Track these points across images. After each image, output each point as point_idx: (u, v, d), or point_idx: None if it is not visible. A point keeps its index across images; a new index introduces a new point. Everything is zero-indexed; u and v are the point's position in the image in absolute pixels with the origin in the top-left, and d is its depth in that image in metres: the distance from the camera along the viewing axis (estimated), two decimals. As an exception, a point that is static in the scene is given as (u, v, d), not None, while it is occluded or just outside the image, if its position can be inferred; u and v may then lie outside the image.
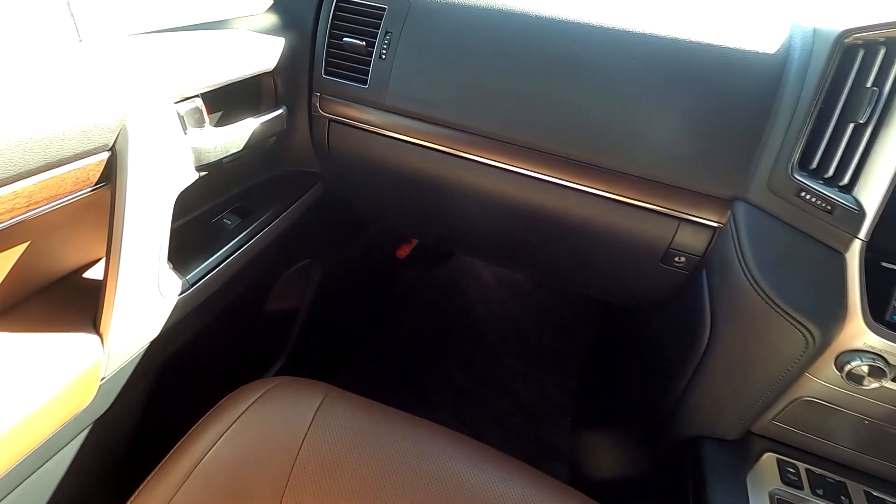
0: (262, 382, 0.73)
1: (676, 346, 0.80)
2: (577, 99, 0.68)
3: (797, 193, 0.59)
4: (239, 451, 0.64)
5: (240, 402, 0.69)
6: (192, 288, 0.66)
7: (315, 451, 0.62)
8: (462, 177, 0.78)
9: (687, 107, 0.65)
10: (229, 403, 0.69)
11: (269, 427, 0.66)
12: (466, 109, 0.73)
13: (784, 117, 0.61)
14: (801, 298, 0.59)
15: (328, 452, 0.62)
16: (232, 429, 0.65)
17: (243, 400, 0.69)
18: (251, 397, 0.69)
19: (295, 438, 0.64)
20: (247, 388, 0.71)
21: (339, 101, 0.81)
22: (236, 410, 0.68)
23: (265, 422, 0.66)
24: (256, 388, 0.71)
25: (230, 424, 0.66)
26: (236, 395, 0.70)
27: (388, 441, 0.63)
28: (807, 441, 0.71)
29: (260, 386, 0.72)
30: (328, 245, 1.09)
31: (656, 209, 0.70)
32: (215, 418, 0.67)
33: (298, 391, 0.72)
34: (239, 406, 0.68)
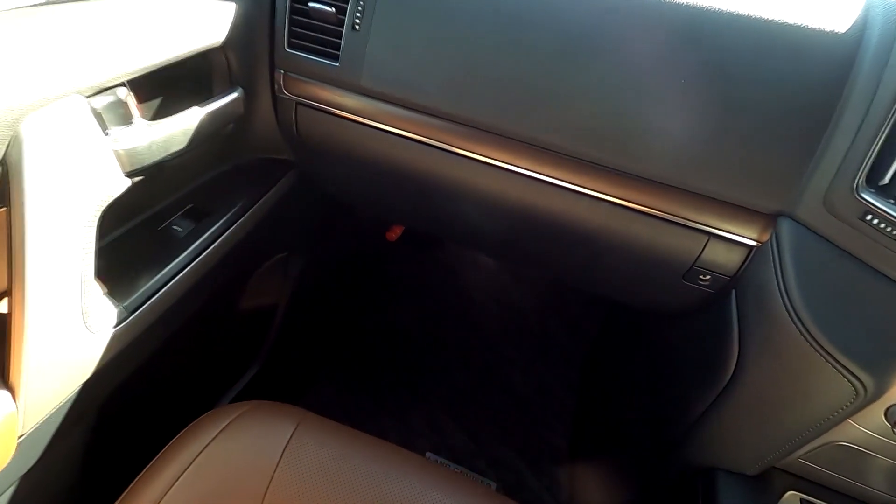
0: (229, 408, 0.65)
1: (695, 367, 0.71)
2: (592, 87, 0.56)
3: (861, 216, 0.48)
4: (204, 486, 0.58)
5: (205, 431, 0.62)
6: (131, 315, 0.56)
7: (285, 486, 0.58)
8: (455, 175, 0.67)
9: (726, 99, 0.52)
10: (193, 433, 0.62)
11: (237, 459, 0.60)
12: (458, 96, 0.61)
13: (853, 117, 0.49)
14: (854, 342, 0.49)
15: (299, 487, 0.58)
16: (196, 462, 0.60)
17: (209, 429, 0.62)
18: (218, 425, 0.63)
19: (265, 471, 0.59)
20: (213, 415, 0.64)
21: (307, 80, 0.68)
22: (201, 441, 0.61)
23: (232, 454, 0.61)
24: (223, 414, 0.64)
25: (194, 457, 0.60)
26: (201, 423, 0.64)
27: (362, 472, 0.59)
28: (836, 481, 0.63)
29: (227, 412, 0.64)
30: (307, 235, 0.99)
31: (683, 222, 0.59)
32: (177, 451, 0.60)
33: (269, 418, 0.65)
34: (204, 436, 0.62)
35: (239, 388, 0.92)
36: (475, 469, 1.03)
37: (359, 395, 1.14)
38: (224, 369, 0.91)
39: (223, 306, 0.82)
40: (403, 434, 1.08)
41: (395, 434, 1.08)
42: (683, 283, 0.65)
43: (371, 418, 1.10)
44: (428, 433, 1.08)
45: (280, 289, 0.97)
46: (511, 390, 1.20)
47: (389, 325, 1.30)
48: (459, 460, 1.04)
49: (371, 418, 1.10)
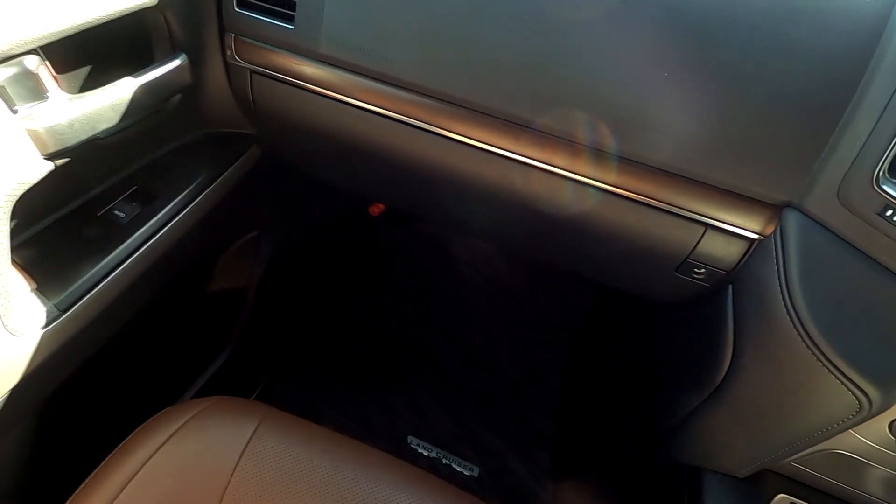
0: (188, 405, 0.62)
1: (686, 363, 0.66)
2: (576, 58, 0.48)
3: (880, 211, 0.42)
4: (157, 489, 0.55)
5: (160, 430, 0.59)
6: (65, 314, 0.51)
7: (244, 487, 0.55)
8: (428, 153, 0.60)
9: (734, 71, 0.45)
10: (147, 432, 0.59)
11: (193, 460, 0.57)
12: (427, 66, 0.53)
13: (879, 96, 0.42)
14: (860, 352, 0.44)
15: (258, 488, 0.55)
16: (149, 463, 0.56)
17: (164, 428, 0.59)
18: (175, 424, 0.59)
19: (222, 472, 0.56)
20: (169, 413, 0.61)
21: (261, 45, 0.60)
22: (155, 441, 0.58)
23: (188, 454, 0.58)
24: (181, 412, 0.61)
25: (147, 458, 0.57)
26: (156, 421, 0.60)
27: (325, 472, 0.57)
28: (831, 486, 0.59)
29: (185, 410, 0.61)
30: (280, 212, 0.93)
31: (676, 210, 0.52)
32: (128, 452, 0.57)
33: (230, 416, 0.62)
34: (158, 435, 0.58)
35: (207, 376, 0.88)
36: (458, 454, 1.01)
37: (340, 376, 1.10)
38: (189, 359, 0.87)
39: (185, 293, 0.77)
40: (385, 417, 1.05)
41: (377, 417, 1.05)
42: (676, 276, 0.59)
43: (351, 401, 1.06)
44: (410, 416, 1.05)
45: (251, 271, 0.91)
46: (498, 372, 1.17)
47: (373, 304, 1.26)
48: (442, 445, 1.02)
49: (351, 401, 1.06)
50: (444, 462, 1.00)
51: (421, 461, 0.99)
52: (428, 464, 0.99)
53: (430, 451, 1.01)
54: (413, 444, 1.01)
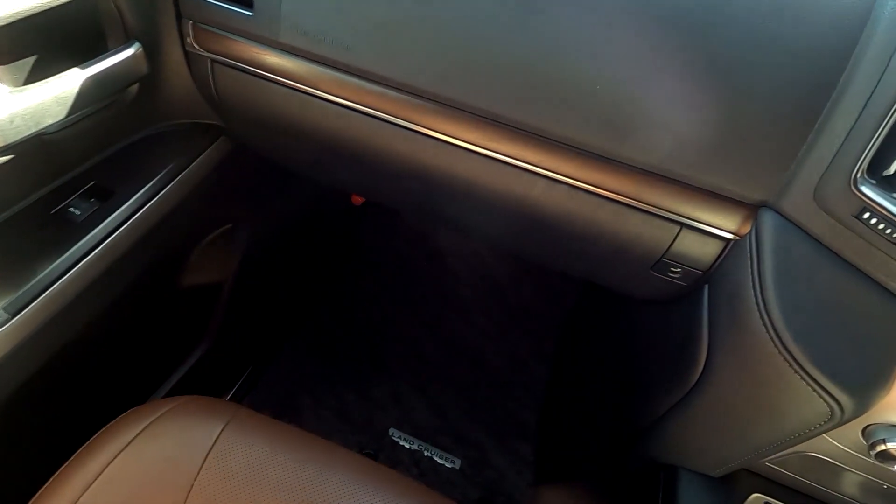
0: (154, 405, 0.61)
1: (663, 362, 0.65)
2: (545, 50, 0.46)
3: (857, 213, 0.40)
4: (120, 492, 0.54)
5: (124, 431, 0.58)
6: (14, 318, 0.49)
7: (209, 490, 0.54)
8: (397, 148, 0.57)
9: (710, 65, 0.43)
10: (111, 434, 0.58)
11: (157, 461, 0.56)
12: (391, 56, 0.51)
13: (859, 93, 0.40)
14: (834, 359, 0.42)
15: (224, 490, 0.54)
16: (112, 465, 0.56)
17: (129, 428, 0.58)
18: (140, 424, 0.58)
19: (187, 474, 0.55)
20: (135, 413, 0.60)
21: (220, 32, 0.57)
22: (119, 442, 0.57)
23: (152, 455, 0.57)
24: (147, 412, 0.60)
25: (110, 460, 0.56)
26: (122, 422, 0.59)
27: (292, 472, 0.56)
28: (806, 487, 0.59)
29: (151, 410, 0.60)
30: (255, 203, 0.90)
31: (651, 209, 0.50)
32: (91, 454, 0.56)
33: (197, 415, 0.61)
34: (122, 436, 0.57)
35: (183, 372, 0.87)
36: (439, 446, 1.00)
37: (321, 368, 1.09)
38: (163, 355, 0.85)
39: (155, 289, 0.75)
40: (367, 409, 1.04)
41: (358, 409, 1.04)
42: (652, 275, 0.57)
43: (333, 393, 1.06)
44: (392, 408, 1.05)
45: (226, 264, 0.89)
46: (482, 362, 1.16)
47: (355, 294, 1.24)
48: (424, 437, 1.01)
49: (333, 393, 1.06)
50: (426, 455, 0.99)
51: (402, 454, 0.99)
52: (409, 456, 0.99)
53: (411, 443, 1.00)
54: (395, 436, 1.01)
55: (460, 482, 0.97)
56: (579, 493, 0.90)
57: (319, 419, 1.03)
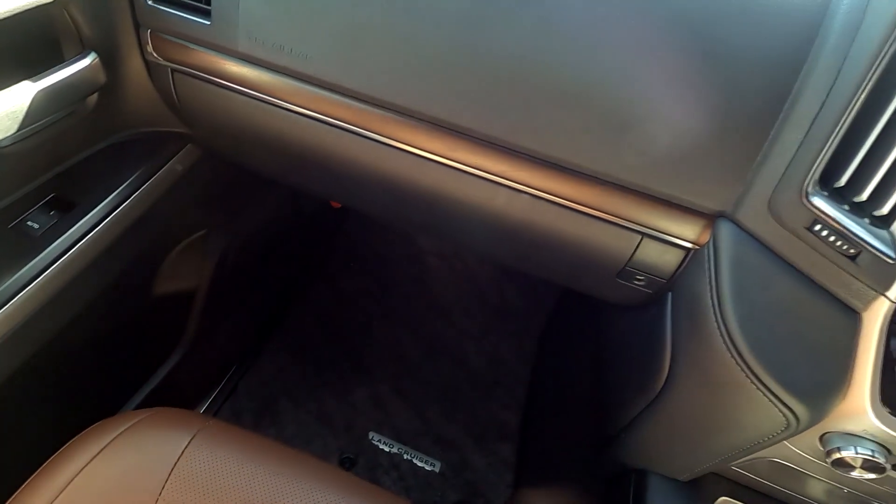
0: (121, 418, 0.60)
1: (632, 368, 0.66)
2: (505, 58, 0.45)
3: (808, 225, 0.40)
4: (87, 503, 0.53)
5: (88, 446, 0.57)
6: (-33, 335, 0.48)
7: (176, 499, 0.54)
8: (360, 158, 0.57)
9: (665, 73, 0.43)
10: (75, 449, 0.57)
11: (121, 477, 0.56)
12: (350, 67, 0.50)
13: (811, 102, 0.40)
14: (789, 369, 0.43)
15: (191, 499, 0.54)
16: (74, 482, 0.55)
17: (93, 443, 0.57)
18: (104, 439, 0.58)
19: (151, 489, 0.55)
20: (100, 427, 0.59)
21: (179, 41, 0.56)
22: (82, 458, 0.56)
23: (116, 471, 0.56)
24: (112, 426, 0.59)
25: (73, 476, 0.55)
26: (86, 436, 0.59)
27: (259, 484, 0.56)
28: (770, 489, 0.59)
29: (117, 423, 0.59)
30: (229, 208, 0.89)
31: (612, 219, 0.50)
32: (53, 471, 0.55)
33: (163, 428, 0.60)
34: (86, 452, 0.57)
35: (158, 380, 0.86)
36: (419, 448, 1.01)
37: (301, 372, 1.09)
38: (136, 365, 0.85)
39: (125, 298, 0.75)
40: (346, 412, 1.04)
41: (338, 413, 1.04)
42: (618, 282, 0.57)
43: (313, 397, 1.05)
44: (371, 411, 1.05)
45: (200, 271, 0.88)
46: (463, 363, 1.16)
47: (335, 297, 1.24)
48: (404, 440, 1.02)
49: (313, 397, 1.05)
50: (406, 458, 1.00)
51: (382, 457, 0.99)
52: (388, 460, 0.99)
53: (391, 446, 1.00)
54: (374, 440, 1.01)
55: (439, 485, 0.97)
56: (558, 495, 0.90)
57: (299, 423, 1.03)
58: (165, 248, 0.80)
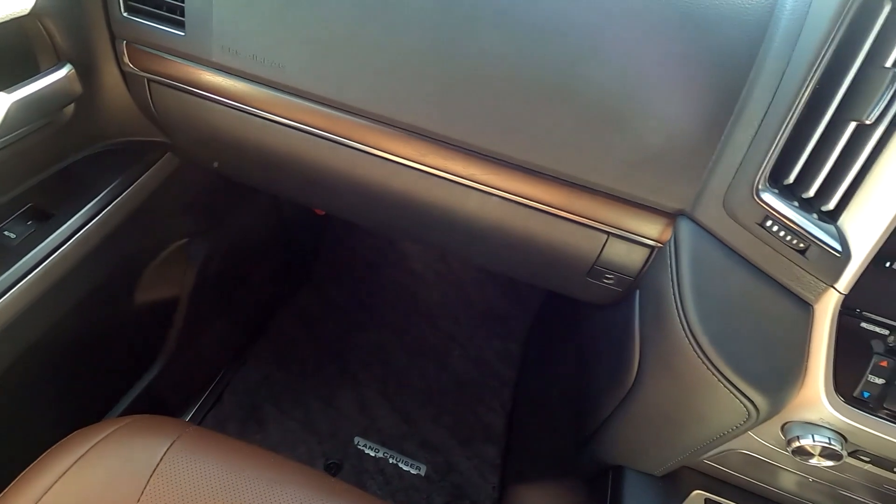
0: (101, 426, 0.60)
1: (606, 364, 0.67)
2: (468, 68, 0.47)
3: (761, 221, 0.42)
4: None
5: (65, 455, 0.57)
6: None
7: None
8: (334, 164, 0.58)
9: (623, 78, 0.44)
10: (52, 459, 0.57)
11: (97, 487, 0.56)
12: (322, 75, 0.51)
13: (758, 103, 0.41)
14: (748, 362, 0.44)
15: None
16: (51, 492, 0.54)
17: (70, 452, 0.57)
18: (82, 447, 0.58)
19: (132, 492, 0.55)
20: (79, 436, 0.59)
21: (154, 52, 0.57)
22: (59, 467, 0.56)
23: (93, 480, 0.56)
24: (90, 434, 0.59)
25: (49, 486, 0.55)
26: (64, 445, 0.58)
27: (239, 489, 0.56)
28: (742, 481, 0.61)
29: (95, 432, 0.59)
30: (210, 216, 0.90)
31: (579, 219, 0.52)
32: (30, 481, 0.55)
33: (142, 436, 0.60)
34: (63, 461, 0.56)
35: (139, 389, 0.86)
36: (404, 452, 1.01)
37: (286, 378, 1.09)
38: (117, 374, 0.85)
39: (105, 307, 0.75)
40: (331, 418, 1.04)
41: (323, 419, 1.04)
42: (589, 281, 0.59)
43: (298, 403, 1.06)
44: (357, 416, 1.05)
45: (182, 279, 0.89)
46: (449, 367, 1.17)
47: (320, 303, 1.24)
48: (390, 444, 1.02)
49: (298, 403, 1.06)
50: (391, 462, 1.00)
51: (367, 462, 0.99)
52: (374, 464, 0.99)
53: (376, 451, 1.01)
54: (360, 444, 1.01)
55: (425, 488, 0.97)
56: (542, 495, 0.91)
57: (285, 430, 1.03)
58: (146, 257, 0.80)
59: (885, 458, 0.44)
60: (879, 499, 0.51)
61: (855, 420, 0.42)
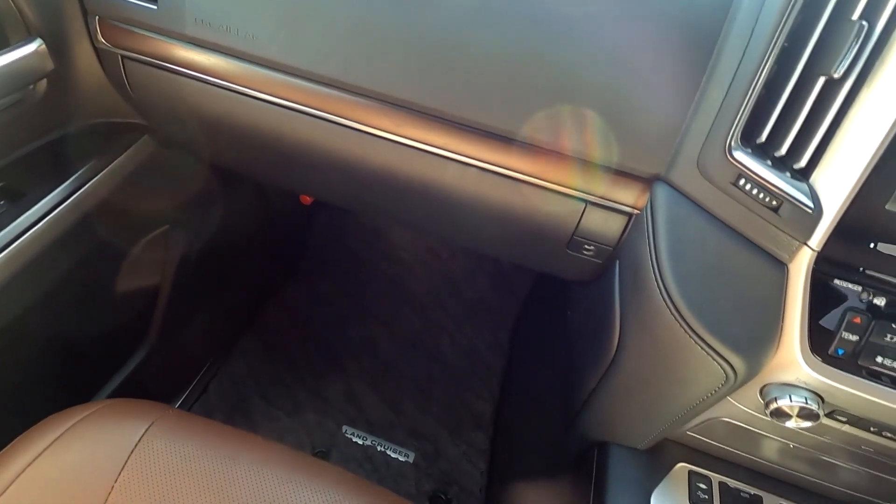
0: (72, 411, 0.59)
1: (589, 341, 0.67)
2: (439, 35, 0.47)
3: (734, 181, 0.42)
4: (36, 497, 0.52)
5: (43, 436, 0.56)
6: None
7: (130, 491, 0.53)
8: (312, 138, 0.58)
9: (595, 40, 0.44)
10: (25, 442, 0.56)
11: (72, 470, 0.54)
12: (295, 45, 0.51)
13: (729, 63, 0.42)
14: (725, 324, 0.44)
15: (147, 489, 0.53)
16: (22, 477, 0.53)
17: (42, 438, 0.56)
18: (54, 433, 0.56)
19: (104, 481, 0.54)
20: (54, 420, 0.58)
21: (127, 27, 0.57)
22: (30, 453, 0.55)
23: (66, 464, 0.55)
24: (68, 416, 0.58)
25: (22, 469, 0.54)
26: (40, 427, 0.57)
27: (218, 469, 0.55)
28: (725, 452, 0.61)
29: (68, 416, 0.58)
30: (192, 204, 0.89)
31: (556, 188, 0.52)
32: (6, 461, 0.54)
33: (117, 419, 0.59)
34: (34, 447, 0.55)
35: (119, 379, 0.85)
36: (393, 440, 1.00)
37: (273, 369, 1.08)
38: (95, 363, 0.83)
39: (82, 293, 0.74)
40: (319, 408, 1.04)
41: (311, 409, 1.03)
42: (569, 253, 0.59)
43: (285, 394, 1.05)
44: (345, 406, 1.04)
45: (163, 267, 0.88)
46: (438, 357, 1.17)
47: (308, 294, 1.23)
48: (377, 432, 1.01)
49: (285, 394, 1.05)
50: (379, 449, 0.99)
51: (355, 450, 0.99)
52: (362, 452, 0.99)
53: (364, 439, 1.00)
54: (348, 433, 1.01)
55: (413, 475, 0.97)
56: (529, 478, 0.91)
57: (272, 420, 1.02)
58: (125, 243, 0.79)
59: (862, 417, 0.44)
60: (859, 462, 0.51)
61: (830, 378, 0.42)
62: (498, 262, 1.34)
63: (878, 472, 0.51)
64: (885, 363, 0.41)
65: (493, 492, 0.96)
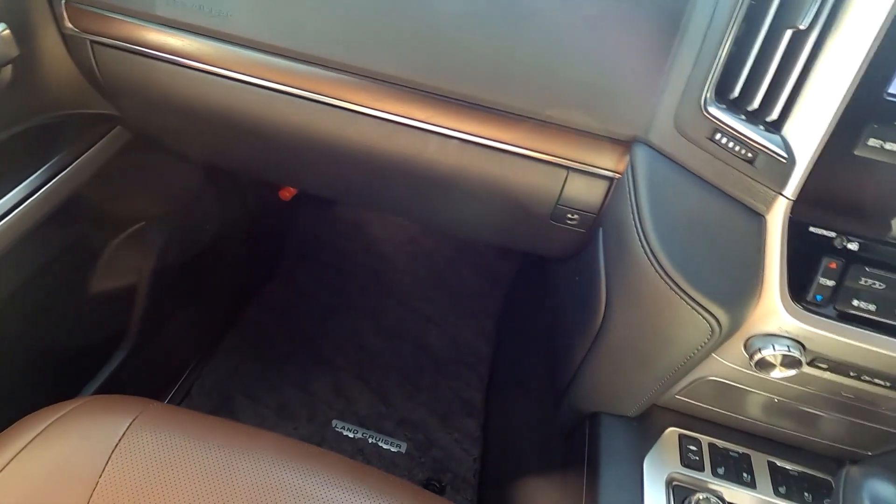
0: (55, 407, 0.57)
1: (576, 313, 0.67)
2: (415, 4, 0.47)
3: (710, 135, 0.43)
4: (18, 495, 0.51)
5: (22, 434, 0.54)
6: None
7: (114, 488, 0.51)
8: (290, 118, 0.57)
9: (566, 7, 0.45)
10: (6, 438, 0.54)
11: (56, 465, 0.53)
12: (266, 21, 0.51)
13: (700, 20, 0.43)
14: (708, 278, 0.45)
15: (131, 486, 0.52)
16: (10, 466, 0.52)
17: (27, 431, 0.54)
18: (39, 426, 0.55)
19: (88, 476, 0.52)
20: (36, 416, 0.56)
21: (95, 10, 0.55)
22: (15, 445, 0.53)
23: (50, 459, 0.53)
24: (48, 414, 0.56)
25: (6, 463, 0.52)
26: (19, 426, 0.56)
27: (205, 460, 0.54)
28: (713, 414, 0.62)
29: (48, 414, 0.57)
30: (169, 199, 0.87)
31: (537, 156, 0.52)
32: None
33: (100, 415, 0.58)
34: (19, 440, 0.54)
35: (99, 381, 0.82)
36: (384, 431, 1.00)
37: (259, 366, 1.07)
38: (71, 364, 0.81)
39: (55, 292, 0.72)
40: (307, 404, 1.02)
41: (299, 405, 1.02)
42: (553, 225, 0.59)
43: (272, 390, 1.03)
44: (334, 400, 1.03)
45: (140, 264, 0.86)
46: (425, 347, 1.16)
47: (292, 290, 1.22)
48: (367, 425, 1.01)
49: (272, 390, 1.03)
50: (371, 442, 0.98)
51: (346, 443, 0.98)
52: (353, 445, 0.98)
53: (355, 432, 0.99)
54: (338, 427, 1.00)
55: (406, 464, 0.96)
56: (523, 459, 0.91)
57: (260, 418, 1.00)
58: (100, 239, 0.77)
59: (841, 362, 0.46)
60: (841, 410, 0.53)
61: (810, 324, 0.44)
62: (481, 252, 1.35)
63: (858, 420, 0.53)
64: (860, 306, 0.42)
65: (487, 476, 0.97)
